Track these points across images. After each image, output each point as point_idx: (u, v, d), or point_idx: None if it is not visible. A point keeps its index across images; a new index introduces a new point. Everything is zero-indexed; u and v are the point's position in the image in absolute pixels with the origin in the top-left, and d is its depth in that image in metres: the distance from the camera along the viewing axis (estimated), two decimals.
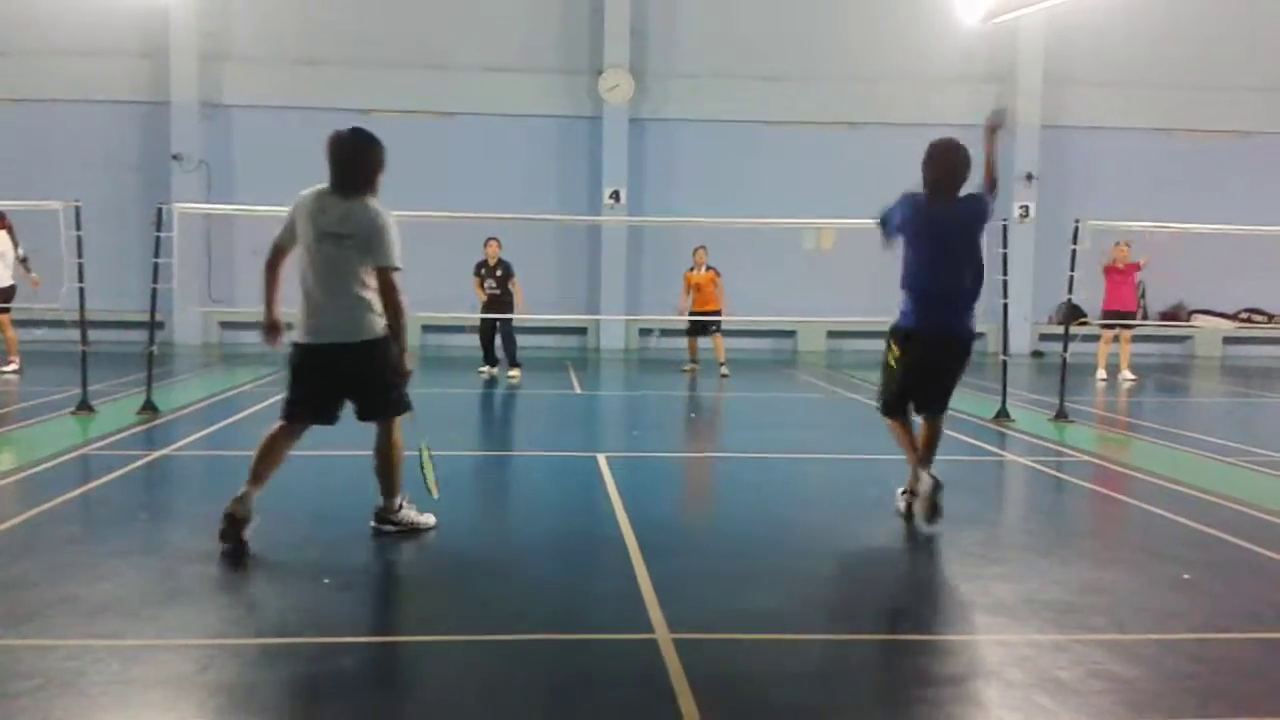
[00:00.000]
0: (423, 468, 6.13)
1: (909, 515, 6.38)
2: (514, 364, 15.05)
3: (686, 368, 16.03)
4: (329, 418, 5.82)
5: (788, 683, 4.08)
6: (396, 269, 5.62)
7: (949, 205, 6.28)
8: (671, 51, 20.73)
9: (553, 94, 20.57)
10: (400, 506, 6.05)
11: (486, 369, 15.16)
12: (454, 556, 5.73)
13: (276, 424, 5.75)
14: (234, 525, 5.57)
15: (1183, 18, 20.61)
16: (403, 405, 5.92)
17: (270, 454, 5.71)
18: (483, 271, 15.08)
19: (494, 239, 15.09)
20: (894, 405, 6.41)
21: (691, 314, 15.88)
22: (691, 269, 15.95)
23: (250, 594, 4.95)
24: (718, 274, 15.82)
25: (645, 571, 5.31)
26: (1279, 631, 4.68)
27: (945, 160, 6.28)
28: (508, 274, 14.93)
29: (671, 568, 5.49)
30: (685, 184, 20.54)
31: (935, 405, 6.43)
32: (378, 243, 5.53)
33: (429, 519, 6.14)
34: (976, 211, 6.34)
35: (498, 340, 15.16)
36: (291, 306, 5.76)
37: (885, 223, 6.43)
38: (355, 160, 5.70)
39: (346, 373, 5.67)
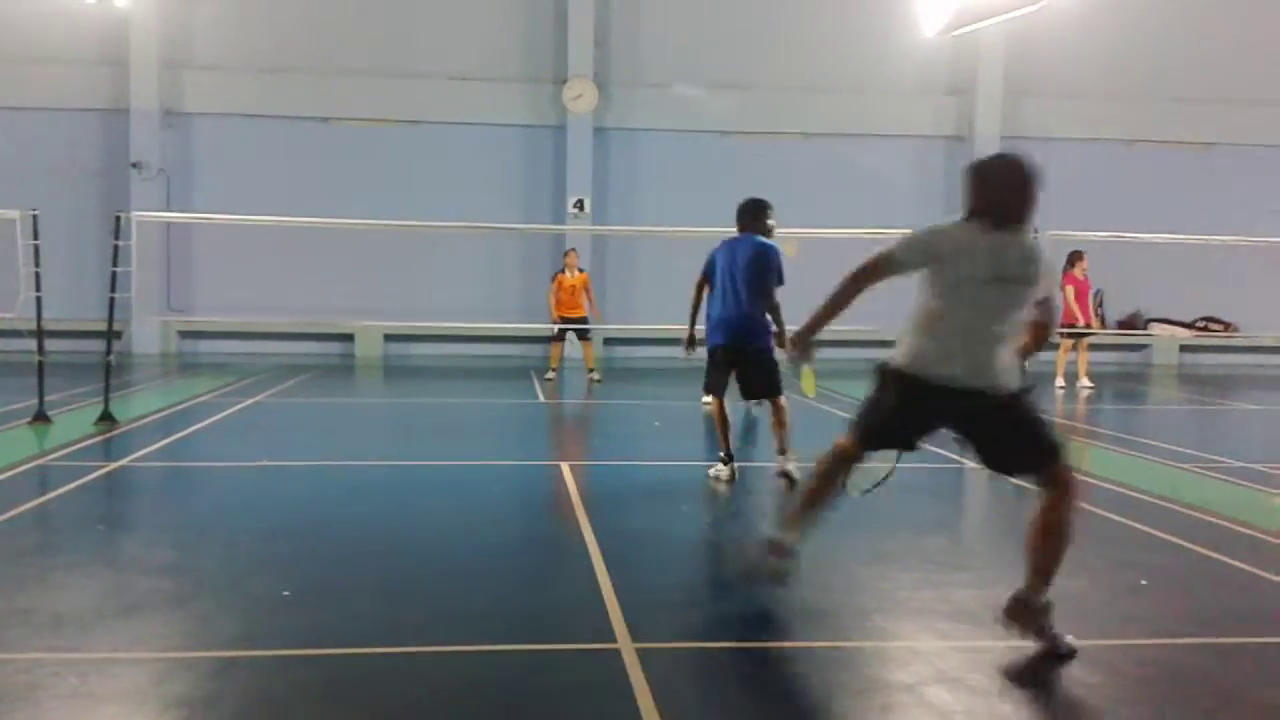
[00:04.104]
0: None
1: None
2: None
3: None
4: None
5: (751, 691, 4.08)
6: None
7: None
8: (635, 62, 20.78)
9: (517, 103, 20.55)
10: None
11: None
12: (415, 567, 5.70)
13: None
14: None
15: (1143, 31, 20.89)
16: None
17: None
18: None
19: None
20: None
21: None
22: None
23: (208, 606, 4.89)
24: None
25: (609, 580, 5.30)
26: (1235, 636, 4.73)
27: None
28: None
29: (635, 576, 5.48)
30: (649, 193, 20.56)
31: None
32: None
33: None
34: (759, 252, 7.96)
35: None
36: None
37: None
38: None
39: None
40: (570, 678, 4.15)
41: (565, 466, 8.64)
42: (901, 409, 4.54)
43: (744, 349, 7.99)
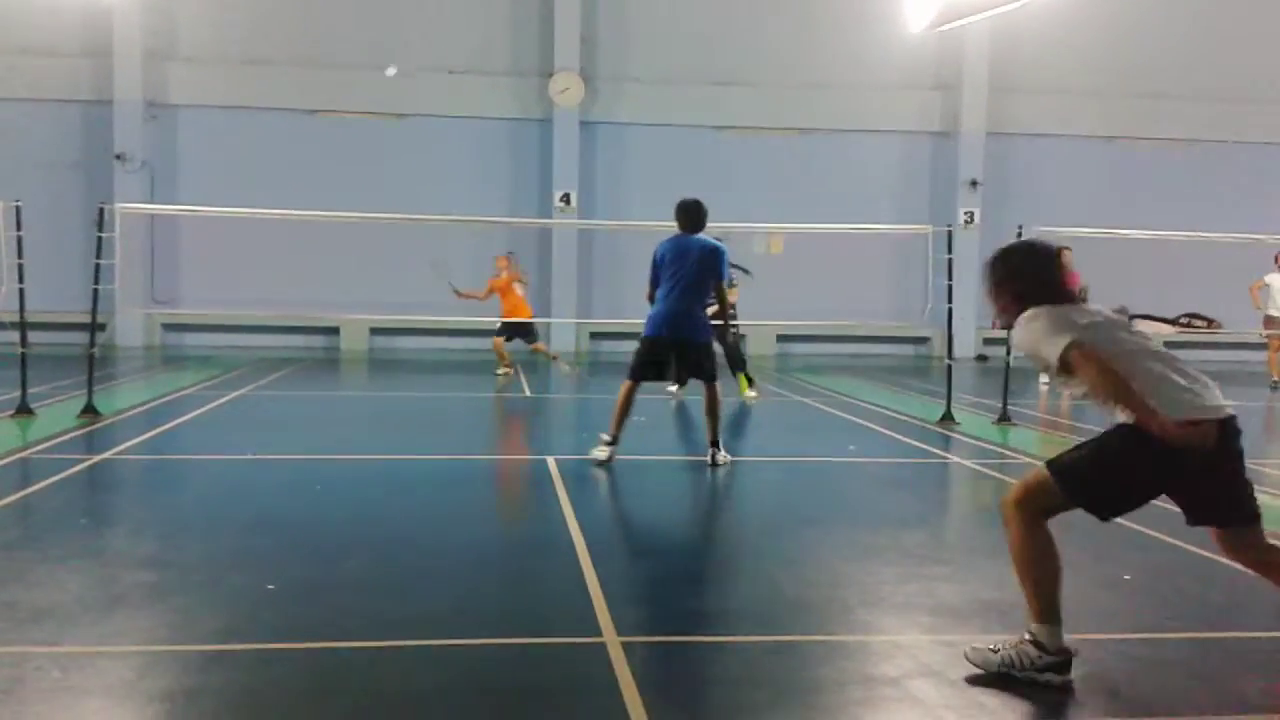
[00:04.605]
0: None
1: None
2: None
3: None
4: None
5: (734, 684, 4.09)
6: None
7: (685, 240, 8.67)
8: (621, 56, 20.78)
9: (504, 96, 20.55)
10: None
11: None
12: (400, 561, 5.70)
13: None
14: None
15: (1127, 28, 20.99)
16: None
17: None
18: None
19: None
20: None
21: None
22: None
23: (192, 600, 4.88)
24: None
25: (594, 574, 5.31)
26: (1216, 631, 4.77)
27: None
28: None
29: (620, 570, 5.50)
30: (635, 187, 20.57)
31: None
32: None
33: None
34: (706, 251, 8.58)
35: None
36: None
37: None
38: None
39: None
40: (555, 672, 4.16)
41: (551, 460, 8.65)
42: (1155, 469, 4.14)
43: (688, 342, 8.63)
